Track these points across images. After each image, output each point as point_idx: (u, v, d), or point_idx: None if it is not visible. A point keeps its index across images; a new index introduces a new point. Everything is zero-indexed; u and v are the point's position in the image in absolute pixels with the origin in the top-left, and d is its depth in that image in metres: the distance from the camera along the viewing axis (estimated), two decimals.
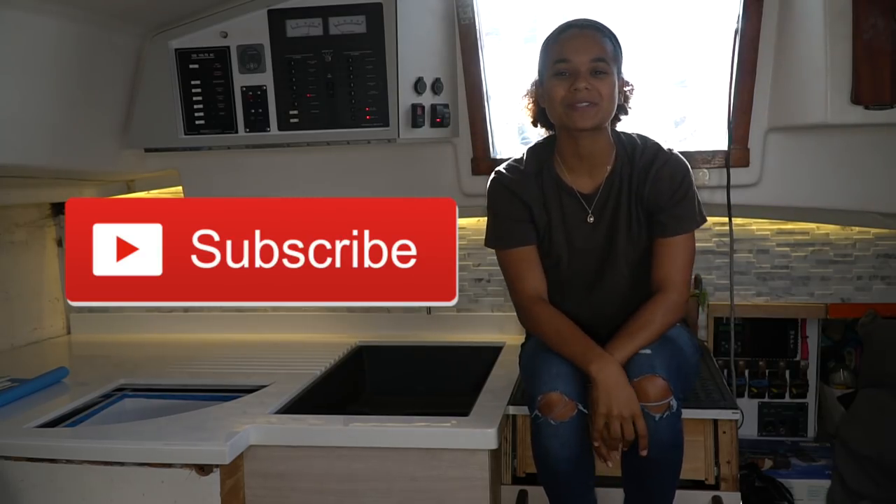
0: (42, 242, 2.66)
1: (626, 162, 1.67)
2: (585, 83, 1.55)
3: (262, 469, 1.71)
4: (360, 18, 2.09)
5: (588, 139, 1.62)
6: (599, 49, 1.57)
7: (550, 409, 1.50)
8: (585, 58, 1.56)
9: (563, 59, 1.58)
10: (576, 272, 1.72)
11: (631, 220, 1.67)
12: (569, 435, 1.50)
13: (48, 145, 1.97)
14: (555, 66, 1.59)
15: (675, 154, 1.67)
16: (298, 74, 2.13)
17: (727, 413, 1.76)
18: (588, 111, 1.56)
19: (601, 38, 1.60)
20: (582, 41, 1.58)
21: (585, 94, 1.55)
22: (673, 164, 1.65)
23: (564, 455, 1.51)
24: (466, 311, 2.53)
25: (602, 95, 1.57)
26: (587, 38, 1.59)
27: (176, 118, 2.20)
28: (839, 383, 2.35)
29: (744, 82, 2.13)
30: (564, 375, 1.54)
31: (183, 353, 2.41)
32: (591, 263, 1.71)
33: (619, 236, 1.67)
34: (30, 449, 1.67)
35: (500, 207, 1.72)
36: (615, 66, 1.60)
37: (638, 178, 1.65)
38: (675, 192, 1.64)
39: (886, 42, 1.86)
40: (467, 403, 1.80)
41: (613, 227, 1.68)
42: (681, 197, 1.64)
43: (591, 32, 1.60)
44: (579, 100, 1.56)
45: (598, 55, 1.56)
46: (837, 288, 2.36)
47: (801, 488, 2.13)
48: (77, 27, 1.90)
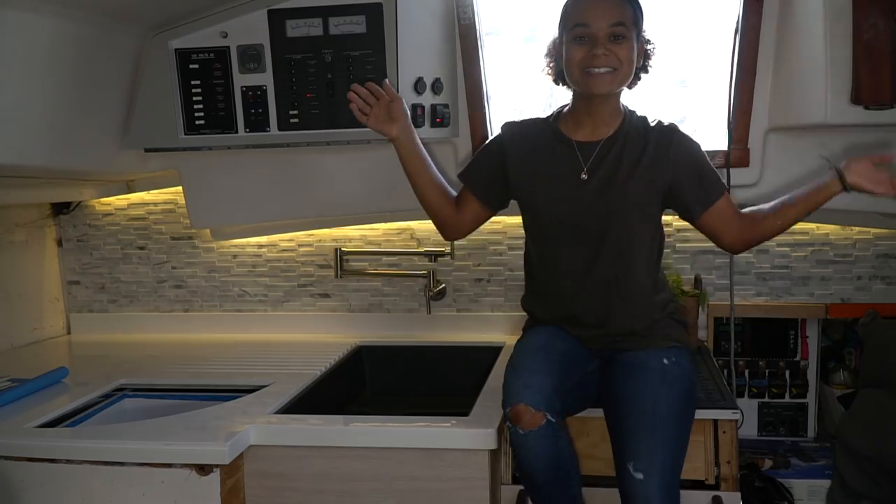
0: (42, 242, 2.66)
1: (634, 127, 1.67)
2: (604, 49, 1.55)
3: (262, 469, 1.71)
4: (360, 18, 2.09)
5: (602, 102, 1.64)
6: (619, 13, 1.57)
7: (519, 420, 1.52)
8: (604, 23, 1.55)
9: (582, 24, 1.57)
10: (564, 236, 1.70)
11: (628, 185, 1.64)
12: (539, 444, 1.52)
13: (48, 145, 1.97)
14: (574, 31, 1.59)
15: (678, 127, 1.71)
16: (298, 74, 2.13)
17: (727, 413, 1.76)
18: (606, 77, 1.57)
19: (621, 1, 1.59)
20: (602, 5, 1.57)
21: (604, 59, 1.56)
22: (689, 142, 1.70)
23: (538, 465, 1.54)
24: (466, 311, 2.53)
25: (621, 60, 1.57)
26: (607, 2, 1.58)
27: (176, 118, 2.20)
28: (839, 383, 2.35)
29: (744, 82, 2.13)
30: (533, 386, 1.54)
31: (183, 353, 2.41)
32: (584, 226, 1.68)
33: (616, 197, 1.65)
34: (30, 449, 1.67)
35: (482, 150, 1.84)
36: (635, 30, 1.60)
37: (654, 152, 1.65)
38: (702, 167, 1.68)
39: (886, 42, 1.86)
40: (467, 403, 1.80)
41: (609, 186, 1.65)
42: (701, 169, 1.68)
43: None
44: (597, 65, 1.56)
45: (617, 20, 1.56)
46: (837, 288, 2.36)
47: (801, 488, 2.13)
48: (76, 27, 1.90)
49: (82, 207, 2.69)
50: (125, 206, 2.68)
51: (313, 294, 2.62)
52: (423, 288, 2.51)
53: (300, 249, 2.62)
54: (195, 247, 2.67)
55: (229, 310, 2.67)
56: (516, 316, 2.47)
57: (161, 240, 2.68)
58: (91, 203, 2.68)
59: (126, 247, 2.70)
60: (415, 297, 2.56)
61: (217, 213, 2.48)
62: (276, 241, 2.62)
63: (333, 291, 2.61)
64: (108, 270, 2.72)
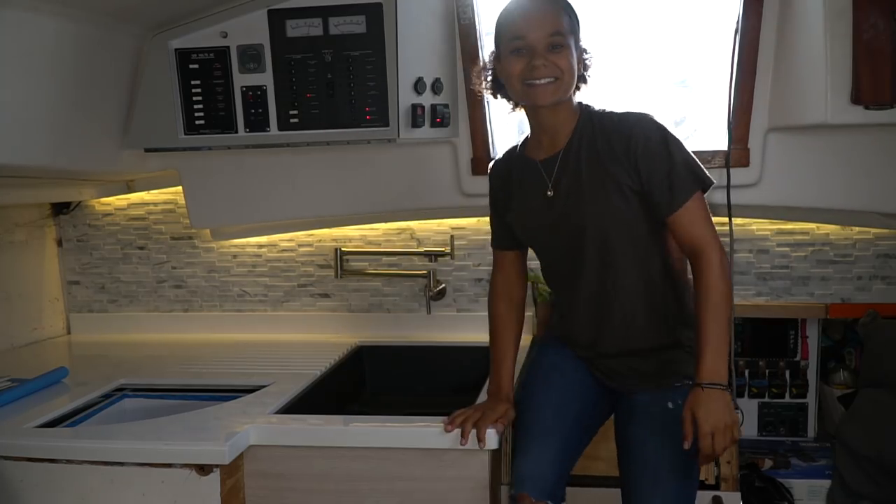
0: (42, 242, 2.66)
1: (590, 128, 1.59)
2: (543, 59, 1.51)
3: (262, 469, 1.71)
4: (360, 18, 2.09)
5: (549, 113, 1.59)
6: (555, 23, 1.52)
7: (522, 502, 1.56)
8: (541, 33, 1.51)
9: (518, 36, 1.53)
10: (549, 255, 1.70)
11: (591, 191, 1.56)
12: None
13: (48, 145, 1.97)
14: (511, 43, 1.55)
15: (647, 114, 1.56)
16: (298, 74, 2.13)
17: None
18: (548, 87, 1.52)
19: (556, 10, 1.54)
20: (537, 17, 1.53)
21: (544, 70, 1.51)
22: (646, 130, 1.54)
23: None
24: (466, 311, 2.53)
25: (562, 69, 1.52)
26: (542, 13, 1.53)
27: (176, 118, 2.20)
28: (839, 383, 2.35)
29: (744, 82, 2.13)
30: (536, 478, 1.57)
31: (183, 353, 2.41)
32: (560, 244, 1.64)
33: (582, 207, 1.58)
34: (30, 449, 1.67)
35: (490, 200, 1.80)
36: (572, 38, 1.54)
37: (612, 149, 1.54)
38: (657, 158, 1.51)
39: (886, 42, 1.86)
40: (467, 403, 1.79)
41: (574, 197, 1.59)
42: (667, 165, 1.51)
43: (545, 6, 1.54)
44: (538, 76, 1.52)
45: (554, 29, 1.51)
46: (837, 288, 2.36)
47: (801, 488, 2.13)
48: (77, 27, 1.90)
49: (82, 207, 2.69)
50: (125, 206, 2.68)
51: (313, 294, 2.62)
52: (423, 288, 2.51)
53: (300, 249, 2.62)
54: (195, 247, 2.67)
55: (229, 310, 2.67)
56: None
57: (161, 240, 2.68)
58: (91, 203, 2.68)
59: (126, 247, 2.70)
60: (415, 297, 2.56)
61: (217, 213, 2.48)
62: (276, 241, 2.62)
63: (333, 291, 2.61)
64: (108, 270, 2.72)
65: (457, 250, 2.47)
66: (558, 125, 1.61)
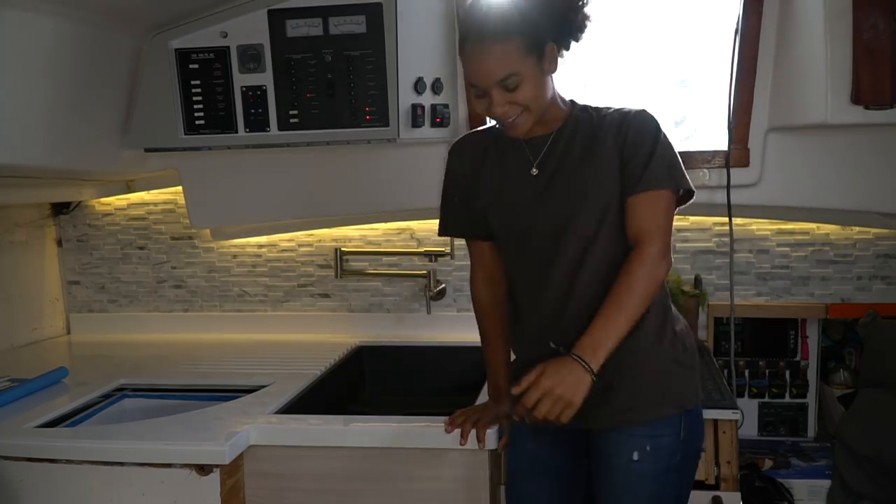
0: (42, 242, 2.66)
1: (584, 115, 1.53)
2: (501, 105, 1.43)
3: (262, 469, 1.71)
4: (360, 18, 2.09)
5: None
6: (503, 65, 1.39)
7: None
8: (492, 80, 1.41)
9: (474, 84, 1.44)
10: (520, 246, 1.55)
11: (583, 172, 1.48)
12: None
13: (48, 145, 1.97)
14: (471, 86, 1.47)
15: (645, 110, 1.52)
16: (298, 74, 2.13)
17: (727, 413, 1.76)
18: (517, 122, 1.45)
19: (504, 49, 1.39)
20: (483, 62, 1.40)
21: (506, 110, 1.43)
22: (641, 117, 1.49)
23: None
24: (466, 311, 2.52)
25: (525, 103, 1.43)
26: (488, 55, 1.40)
27: (176, 118, 2.20)
28: (839, 383, 2.35)
29: (744, 82, 2.13)
30: None
31: (183, 353, 2.41)
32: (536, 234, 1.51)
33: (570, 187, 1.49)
34: (30, 449, 1.67)
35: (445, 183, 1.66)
36: (533, 56, 1.41)
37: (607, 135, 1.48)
38: (642, 144, 1.46)
39: (886, 42, 1.86)
40: (467, 403, 1.79)
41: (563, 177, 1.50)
42: (648, 150, 1.46)
43: (490, 46, 1.39)
44: (503, 117, 1.45)
45: (505, 73, 1.40)
46: (837, 288, 2.36)
47: (801, 488, 2.13)
48: (76, 27, 1.90)
49: (82, 207, 2.69)
50: (125, 206, 2.68)
51: (313, 294, 2.62)
52: (423, 288, 2.51)
53: (300, 249, 2.62)
54: (195, 247, 2.67)
55: (229, 310, 2.67)
56: None
57: (161, 240, 2.68)
58: (91, 203, 2.68)
59: (126, 247, 2.70)
60: (415, 297, 2.56)
61: (217, 213, 2.48)
62: (276, 241, 2.62)
63: (333, 291, 2.61)
64: (108, 270, 2.72)
65: (457, 250, 2.47)
66: (549, 118, 1.52)
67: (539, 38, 1.42)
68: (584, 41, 1.51)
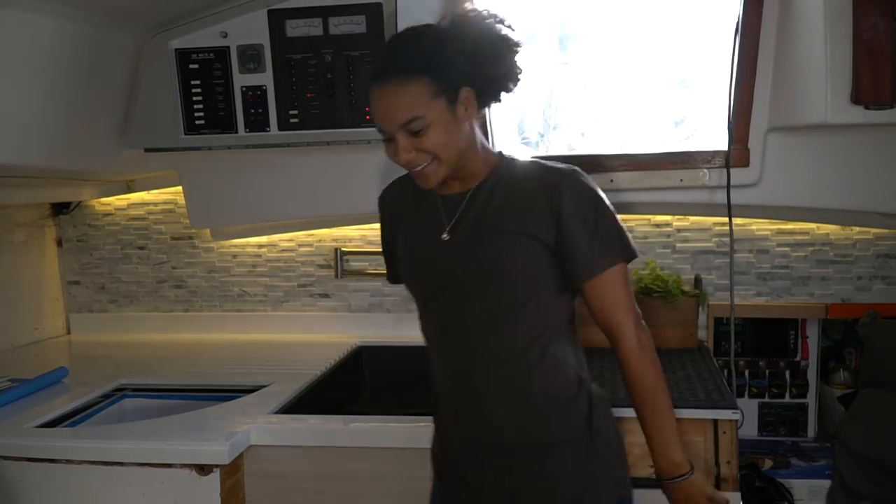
0: (42, 242, 2.66)
1: (510, 172, 1.39)
2: (406, 151, 1.30)
3: (262, 469, 1.71)
4: (360, 18, 2.09)
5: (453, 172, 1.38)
6: (406, 107, 1.28)
7: None
8: (395, 125, 1.29)
9: (379, 128, 1.33)
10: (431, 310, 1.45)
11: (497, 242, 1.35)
12: None
13: (48, 145, 1.97)
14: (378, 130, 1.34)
15: (577, 173, 1.36)
16: (298, 74, 2.13)
17: (727, 413, 1.76)
18: (426, 172, 1.32)
19: (407, 85, 1.28)
20: (385, 105, 1.30)
21: (413, 158, 1.31)
22: (577, 187, 1.34)
23: None
24: None
25: (434, 149, 1.30)
26: (390, 99, 1.29)
27: (176, 118, 2.20)
28: (839, 383, 2.35)
29: (744, 82, 2.13)
30: None
31: (183, 353, 2.41)
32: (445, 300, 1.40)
33: (481, 254, 1.35)
34: (30, 449, 1.67)
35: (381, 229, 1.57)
36: (441, 100, 1.29)
37: (534, 200, 1.33)
38: (584, 220, 1.33)
39: (886, 42, 1.86)
40: None
41: (474, 242, 1.36)
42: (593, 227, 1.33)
43: (393, 86, 1.29)
44: (409, 166, 1.33)
45: (407, 116, 1.28)
46: (837, 288, 2.36)
47: (801, 488, 2.13)
48: (76, 27, 1.90)
49: (82, 207, 2.69)
50: (125, 206, 2.68)
51: (313, 294, 2.62)
52: None
53: (300, 249, 2.61)
54: (195, 247, 2.67)
55: (229, 310, 2.67)
56: None
57: (161, 240, 2.68)
58: (91, 203, 2.68)
59: (126, 247, 2.70)
60: None
61: (217, 213, 2.48)
62: (276, 241, 2.62)
63: (333, 291, 2.61)
64: (108, 270, 2.72)
65: None
66: (468, 173, 1.39)
67: (450, 80, 1.30)
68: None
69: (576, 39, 2.41)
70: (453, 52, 1.30)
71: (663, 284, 2.24)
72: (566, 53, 2.41)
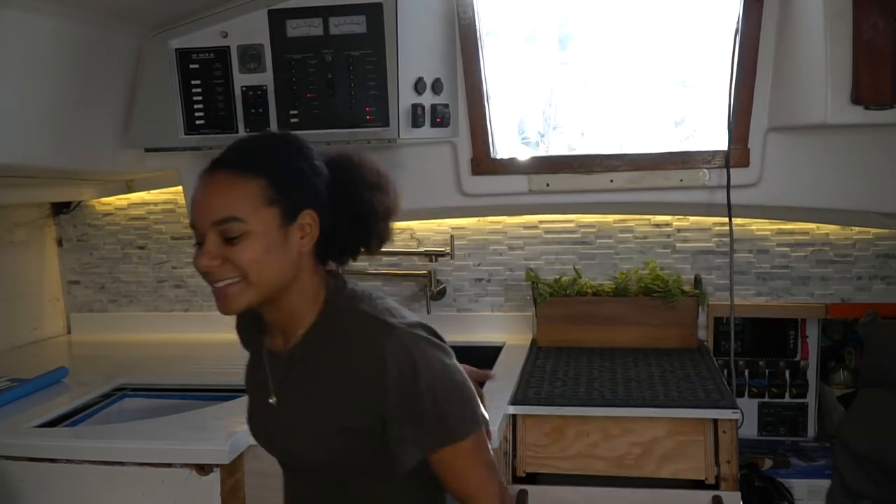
0: (42, 242, 2.66)
1: (330, 321, 1.16)
2: (211, 255, 1.09)
3: (262, 469, 1.71)
4: (360, 18, 2.09)
5: (266, 308, 1.16)
6: (224, 204, 1.08)
7: None
8: (208, 217, 1.09)
9: (192, 226, 1.14)
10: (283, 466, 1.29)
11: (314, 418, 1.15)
12: None
13: (48, 145, 1.97)
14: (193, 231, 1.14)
15: (409, 333, 1.12)
16: (298, 74, 2.13)
17: (727, 413, 1.76)
18: (228, 292, 1.09)
19: (236, 183, 1.09)
20: (204, 197, 1.11)
21: (216, 270, 1.10)
22: (401, 349, 1.10)
23: None
24: (466, 311, 2.53)
25: (245, 264, 1.08)
26: (212, 190, 1.10)
27: (176, 118, 2.20)
28: (839, 383, 2.35)
29: (744, 82, 2.13)
30: None
31: (183, 353, 2.41)
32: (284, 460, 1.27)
33: (304, 428, 1.16)
34: (30, 449, 1.67)
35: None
36: (272, 211, 1.08)
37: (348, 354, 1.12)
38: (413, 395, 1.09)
39: (886, 42, 1.86)
40: None
41: (297, 413, 1.17)
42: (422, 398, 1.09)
43: (219, 179, 1.10)
44: (211, 278, 1.11)
45: (222, 214, 1.08)
46: (837, 288, 2.36)
47: (801, 488, 2.13)
48: (76, 27, 1.90)
49: (82, 207, 2.69)
50: (125, 205, 2.68)
51: None
52: (423, 288, 2.51)
53: None
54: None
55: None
56: (516, 316, 2.48)
57: (161, 240, 2.68)
58: (91, 203, 2.68)
59: (126, 247, 2.70)
60: (415, 297, 2.55)
61: None
62: None
63: None
64: (108, 270, 2.72)
65: (457, 250, 2.47)
66: (287, 321, 1.17)
67: (290, 195, 1.10)
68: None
69: (576, 39, 2.41)
70: (314, 167, 1.14)
71: (663, 284, 2.24)
72: (566, 53, 2.41)
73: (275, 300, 1.14)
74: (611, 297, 2.30)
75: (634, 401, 1.81)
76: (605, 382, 1.94)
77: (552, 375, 2.02)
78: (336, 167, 1.20)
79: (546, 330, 2.31)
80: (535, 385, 1.94)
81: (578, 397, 1.85)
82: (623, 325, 2.26)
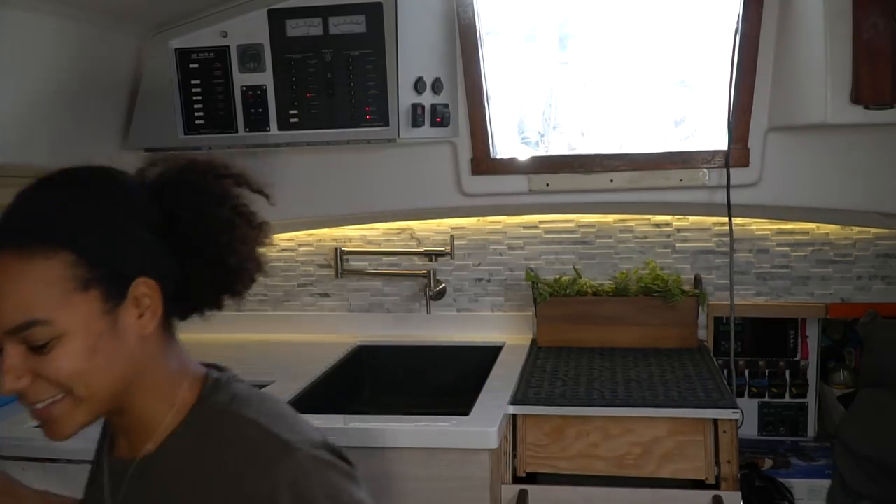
0: None
1: (201, 424, 0.93)
2: (14, 376, 0.84)
3: None
4: (360, 18, 2.09)
5: (113, 414, 0.93)
6: (18, 305, 0.81)
7: None
8: (4, 328, 0.82)
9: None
10: None
11: None
12: None
13: (48, 145, 1.97)
14: None
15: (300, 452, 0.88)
16: (298, 74, 2.13)
17: (727, 412, 1.76)
18: (52, 414, 0.88)
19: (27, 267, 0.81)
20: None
21: (31, 388, 0.86)
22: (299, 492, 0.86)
23: None
24: (466, 311, 2.53)
25: (66, 379, 0.84)
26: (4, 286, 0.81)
27: (176, 118, 2.20)
28: (839, 383, 2.35)
29: (744, 82, 2.13)
30: None
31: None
32: None
33: None
34: (30, 449, 1.67)
35: None
36: (91, 295, 0.83)
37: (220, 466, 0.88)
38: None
39: (886, 42, 1.86)
40: (467, 403, 1.80)
41: None
42: None
43: (6, 263, 0.82)
44: (24, 401, 0.88)
45: (16, 320, 0.81)
46: (837, 288, 2.36)
47: (801, 488, 2.13)
48: (76, 26, 1.90)
49: None
50: None
51: (313, 294, 2.62)
52: (423, 288, 2.51)
53: (300, 249, 2.61)
54: None
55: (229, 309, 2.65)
56: (516, 316, 2.48)
57: None
58: None
59: None
60: (415, 296, 2.55)
61: None
62: (276, 240, 2.62)
63: (333, 291, 2.61)
64: None
65: (457, 250, 2.47)
66: (135, 426, 0.93)
67: (111, 266, 0.83)
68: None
69: (576, 39, 2.41)
70: (134, 211, 0.85)
71: (663, 284, 2.24)
72: (566, 53, 2.41)
73: (120, 409, 0.89)
74: (611, 297, 2.30)
75: (634, 401, 1.82)
76: (605, 382, 1.94)
77: (552, 375, 2.02)
78: (170, 192, 0.90)
79: (546, 330, 2.31)
80: (535, 385, 1.94)
81: (578, 397, 1.85)
82: (623, 325, 2.26)
